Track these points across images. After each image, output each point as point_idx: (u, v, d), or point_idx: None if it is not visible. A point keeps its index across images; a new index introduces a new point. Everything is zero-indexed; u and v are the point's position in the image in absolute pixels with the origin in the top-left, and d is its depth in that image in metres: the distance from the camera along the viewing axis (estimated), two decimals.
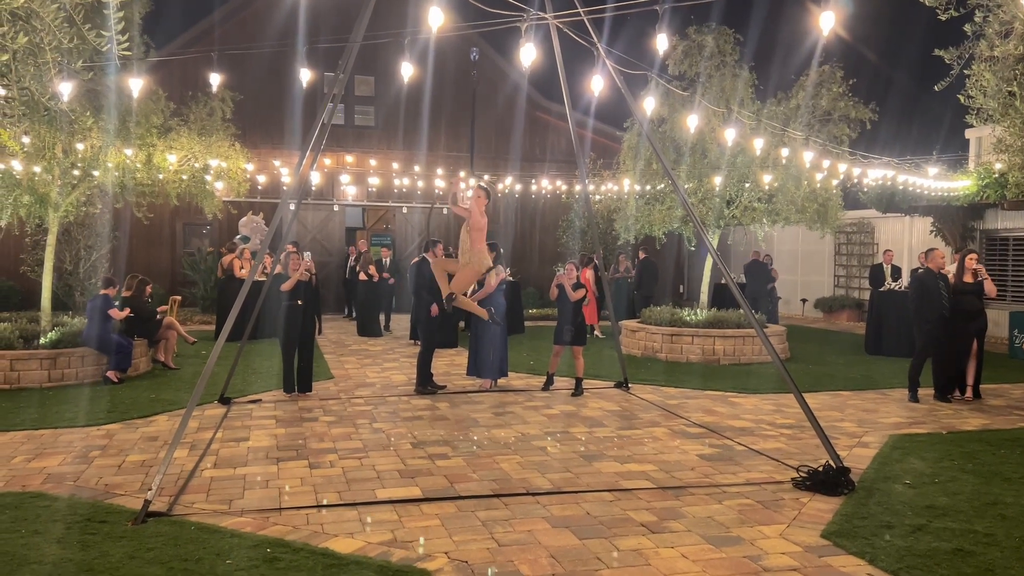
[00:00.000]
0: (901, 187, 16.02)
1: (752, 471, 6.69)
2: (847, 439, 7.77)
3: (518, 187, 21.38)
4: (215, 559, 4.63)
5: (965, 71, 6.91)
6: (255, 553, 4.71)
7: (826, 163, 13.50)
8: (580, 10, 8.05)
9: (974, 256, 9.47)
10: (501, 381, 10.59)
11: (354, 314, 18.61)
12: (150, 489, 5.48)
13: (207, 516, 5.38)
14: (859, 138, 13.95)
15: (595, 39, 8.31)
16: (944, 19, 6.44)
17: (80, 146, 10.63)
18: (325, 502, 5.74)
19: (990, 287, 9.48)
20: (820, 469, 6.27)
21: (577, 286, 10.20)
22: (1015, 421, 8.77)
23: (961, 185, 15.22)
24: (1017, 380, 10.91)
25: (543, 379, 11.03)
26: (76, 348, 10.49)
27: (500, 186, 21.23)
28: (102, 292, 10.83)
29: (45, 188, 10.90)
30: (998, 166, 13.32)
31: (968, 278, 9.45)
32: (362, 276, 16.64)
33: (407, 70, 8.25)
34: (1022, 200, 12.76)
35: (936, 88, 6.96)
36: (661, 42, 7.16)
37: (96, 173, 11.34)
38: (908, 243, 19.37)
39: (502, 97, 22.27)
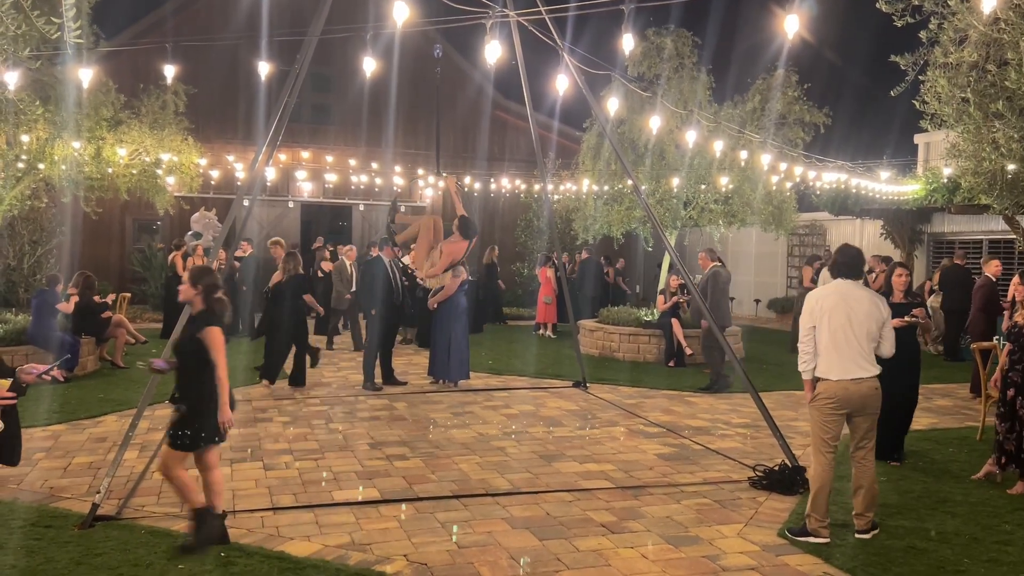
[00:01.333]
0: (854, 190, 16.35)
1: (709, 470, 6.74)
2: (802, 438, 7.86)
3: (478, 186, 21.32)
4: (166, 564, 4.50)
5: (920, 77, 7.06)
6: (208, 557, 4.59)
7: (782, 166, 13.71)
8: (542, 8, 8.03)
9: (903, 272, 7.04)
10: (462, 382, 10.53)
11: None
12: (98, 492, 5.32)
13: (158, 519, 5.24)
14: (813, 141, 14.21)
15: (557, 38, 8.31)
16: (900, 25, 6.57)
17: (25, 138, 10.30)
18: (280, 504, 5.63)
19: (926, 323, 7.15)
20: (776, 468, 6.34)
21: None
22: (962, 420, 8.98)
23: (910, 189, 15.58)
24: (963, 380, 11.18)
25: (503, 379, 11.05)
26: (20, 346, 10.16)
27: (459, 184, 21.15)
28: (46, 288, 10.51)
29: None
30: (947, 171, 13.65)
31: (900, 296, 6.99)
32: (319, 273, 16.40)
33: (369, 65, 8.14)
34: (968, 204, 13.11)
35: (892, 93, 7.09)
36: (627, 42, 7.17)
37: (42, 166, 11.01)
38: (859, 245, 19.72)
39: (462, 96, 22.19)
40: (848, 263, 5.24)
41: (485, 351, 13.70)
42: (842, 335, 5.06)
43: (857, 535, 5.18)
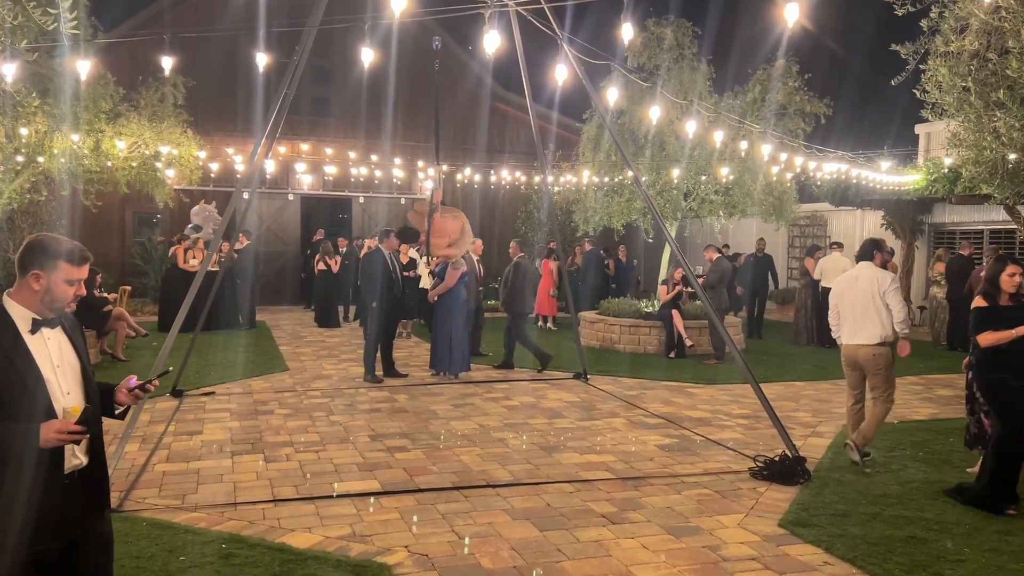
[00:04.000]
0: (855, 181, 16.31)
1: (710, 461, 6.75)
2: (802, 429, 7.88)
3: (477, 178, 21.28)
4: (168, 556, 4.51)
5: (921, 66, 7.02)
6: (210, 549, 4.60)
7: (783, 156, 13.68)
8: None
9: (1018, 270, 5.65)
10: (462, 374, 10.53)
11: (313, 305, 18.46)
12: None
13: (159, 512, 5.24)
14: (814, 132, 14.17)
15: (556, 28, 8.27)
16: (901, 14, 6.53)
17: (24, 131, 10.27)
18: (281, 496, 5.64)
19: None
20: (777, 459, 6.34)
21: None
22: (963, 410, 8.95)
23: (911, 180, 15.54)
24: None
25: (503, 371, 11.08)
26: None
27: (459, 176, 21.14)
28: None
29: None
30: (947, 161, 13.62)
31: (1006, 299, 5.70)
32: (320, 266, 16.43)
33: (367, 56, 8.11)
34: (969, 195, 13.08)
35: (892, 83, 7.06)
36: (626, 31, 7.13)
37: (41, 159, 10.98)
38: (860, 236, 19.72)
39: (461, 87, 22.12)
40: (862, 251, 6.79)
41: (486, 343, 13.69)
42: (848, 310, 6.59)
43: (846, 443, 6.68)
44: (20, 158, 10.89)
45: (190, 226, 17.76)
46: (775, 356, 12.94)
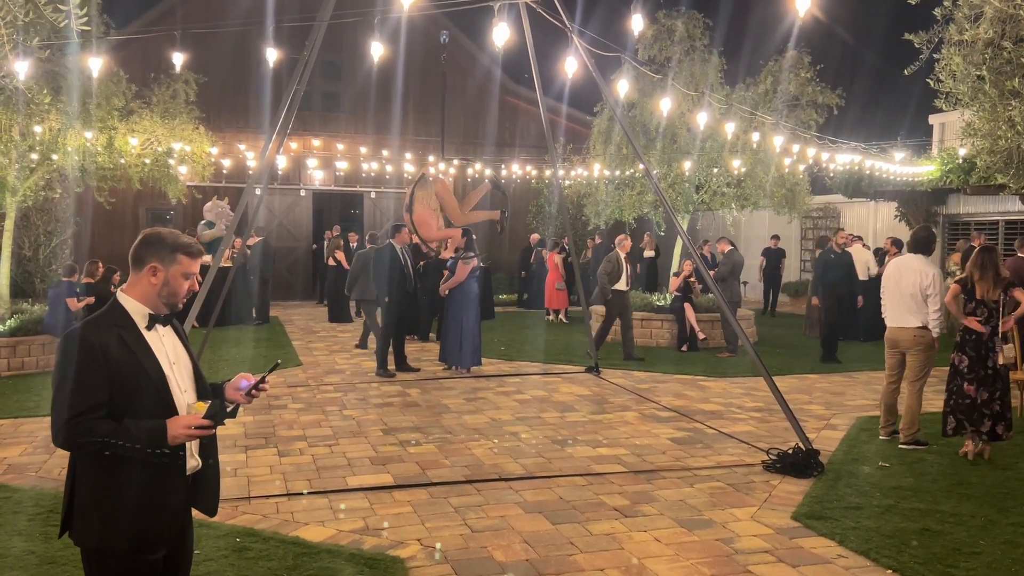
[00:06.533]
0: (868, 172, 16.18)
1: (723, 454, 6.73)
2: (815, 422, 7.85)
3: (488, 172, 21.24)
4: None
5: (935, 55, 6.95)
6: (224, 543, 4.63)
7: (795, 148, 13.59)
8: None
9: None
10: (474, 368, 10.55)
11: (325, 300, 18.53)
12: None
13: None
14: (826, 123, 14.06)
15: (566, 20, 8.24)
16: (914, 3, 6.47)
17: (38, 128, 10.33)
18: (295, 491, 5.66)
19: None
20: (790, 452, 6.32)
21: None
22: None
23: (925, 170, 15.41)
24: None
25: (515, 364, 11.06)
26: (37, 336, 10.25)
27: (469, 171, 21.12)
28: (64, 279, 10.59)
29: (1, 172, 10.60)
30: (962, 151, 13.48)
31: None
32: (330, 262, 16.48)
33: (377, 50, 8.10)
34: (984, 185, 12.95)
35: (905, 72, 6.99)
36: (636, 22, 7.09)
37: (55, 156, 11.04)
38: (873, 228, 19.60)
39: (472, 81, 22.10)
40: (914, 241, 7.12)
41: (497, 337, 13.71)
42: (895, 295, 6.96)
43: (900, 445, 6.82)
44: (34, 156, 10.95)
45: (203, 222, 17.82)
46: (787, 349, 12.89)
